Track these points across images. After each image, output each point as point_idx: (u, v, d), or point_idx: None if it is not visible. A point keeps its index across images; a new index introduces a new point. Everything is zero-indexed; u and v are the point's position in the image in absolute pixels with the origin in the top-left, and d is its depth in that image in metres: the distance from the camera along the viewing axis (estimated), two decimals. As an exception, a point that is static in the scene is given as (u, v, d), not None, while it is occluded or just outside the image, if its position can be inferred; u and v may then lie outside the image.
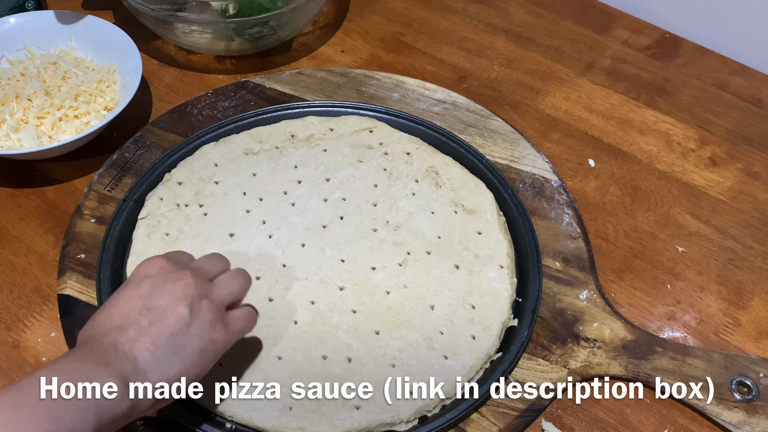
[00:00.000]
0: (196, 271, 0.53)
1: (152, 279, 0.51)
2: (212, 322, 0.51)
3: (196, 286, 0.52)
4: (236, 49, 0.86)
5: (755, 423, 0.58)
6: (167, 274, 0.52)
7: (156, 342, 0.49)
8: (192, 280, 0.52)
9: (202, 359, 0.51)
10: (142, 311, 0.50)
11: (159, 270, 0.52)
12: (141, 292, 0.50)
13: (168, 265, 0.53)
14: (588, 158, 0.79)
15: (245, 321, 0.55)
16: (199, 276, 0.53)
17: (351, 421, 0.56)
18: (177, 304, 0.50)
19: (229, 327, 0.53)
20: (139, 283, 0.51)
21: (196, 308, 0.51)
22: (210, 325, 0.51)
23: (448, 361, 0.60)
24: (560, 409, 0.60)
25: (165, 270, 0.52)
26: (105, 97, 0.78)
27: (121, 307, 0.50)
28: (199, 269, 0.54)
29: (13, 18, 0.82)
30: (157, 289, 0.50)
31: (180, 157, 0.74)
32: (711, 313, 0.67)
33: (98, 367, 0.47)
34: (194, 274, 0.52)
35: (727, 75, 0.89)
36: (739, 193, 0.76)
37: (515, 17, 0.95)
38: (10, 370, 0.61)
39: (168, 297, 0.50)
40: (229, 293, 0.54)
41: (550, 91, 0.86)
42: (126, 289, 0.51)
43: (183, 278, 0.51)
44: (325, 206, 0.70)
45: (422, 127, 0.77)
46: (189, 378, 0.50)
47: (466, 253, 0.67)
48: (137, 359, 0.48)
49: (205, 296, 0.52)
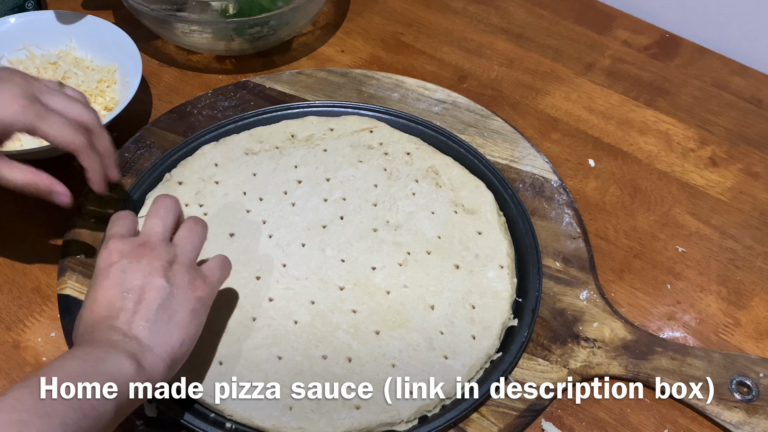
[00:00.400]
0: (154, 240, 0.54)
1: (117, 264, 0.52)
2: (191, 281, 0.53)
3: (160, 256, 0.53)
4: (236, 49, 0.86)
5: (755, 423, 0.58)
6: (128, 255, 0.52)
7: (148, 318, 0.50)
8: (154, 252, 0.53)
9: (195, 317, 0.53)
10: (123, 296, 0.51)
11: (119, 254, 0.53)
12: (113, 280, 0.51)
13: (125, 246, 0.53)
14: (588, 158, 0.79)
15: (221, 270, 0.57)
16: (158, 245, 0.54)
17: (351, 421, 0.56)
18: (152, 278, 0.51)
19: (208, 280, 0.55)
20: (107, 273, 0.52)
21: (170, 276, 0.52)
22: (190, 284, 0.53)
23: (448, 361, 0.60)
24: (560, 409, 0.60)
25: (125, 252, 0.53)
26: (105, 97, 0.78)
27: (101, 299, 0.51)
28: (156, 235, 0.55)
29: (13, 18, 0.82)
30: (126, 273, 0.51)
31: (180, 157, 0.74)
32: (711, 313, 0.67)
33: (108, 349, 0.48)
34: (153, 245, 0.53)
35: (727, 75, 0.89)
36: (739, 193, 0.76)
37: (515, 17, 0.95)
38: (10, 370, 0.61)
39: (140, 275, 0.51)
40: (193, 248, 0.56)
41: (550, 91, 0.86)
42: (98, 282, 0.52)
43: (145, 253, 0.52)
44: (325, 206, 0.70)
45: (422, 127, 0.77)
46: (190, 337, 0.52)
47: (466, 253, 0.67)
48: (138, 338, 0.49)
49: (173, 261, 0.53)
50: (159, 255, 0.53)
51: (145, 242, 0.53)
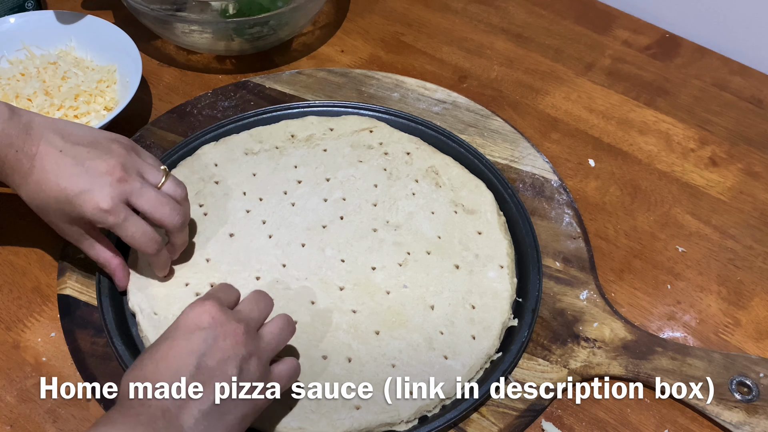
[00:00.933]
0: (247, 324, 0.52)
1: (204, 331, 0.50)
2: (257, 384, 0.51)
3: (246, 343, 0.51)
4: (236, 49, 0.86)
5: (755, 423, 0.58)
6: (219, 327, 0.50)
7: (202, 409, 0.48)
8: (243, 338, 0.51)
9: (243, 423, 0.51)
10: (192, 371, 0.48)
11: (211, 320, 0.51)
12: (192, 347, 0.49)
13: (220, 314, 0.51)
14: (588, 158, 0.79)
15: (287, 379, 0.54)
16: (249, 330, 0.52)
17: (351, 421, 0.56)
18: (227, 365, 0.49)
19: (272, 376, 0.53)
20: (190, 336, 0.50)
21: (244, 369, 0.50)
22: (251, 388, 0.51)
23: (448, 361, 0.60)
24: (560, 409, 0.60)
25: (217, 321, 0.51)
26: (105, 97, 0.78)
27: (171, 362, 0.49)
28: (250, 320, 0.53)
29: (13, 18, 0.82)
30: (208, 345, 0.49)
31: (180, 157, 0.74)
32: (711, 313, 0.67)
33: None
34: (246, 328, 0.52)
35: (727, 75, 0.89)
36: (739, 193, 0.76)
37: (515, 17, 0.95)
38: (10, 370, 0.61)
39: (218, 355, 0.49)
40: (275, 347, 0.54)
41: (550, 91, 0.86)
42: (176, 339, 0.50)
43: (235, 334, 0.51)
44: (325, 206, 0.70)
45: (422, 127, 0.77)
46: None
47: (466, 253, 0.67)
48: (183, 428, 0.47)
49: (254, 353, 0.51)
50: (245, 342, 0.51)
51: (240, 322, 0.52)
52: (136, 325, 0.62)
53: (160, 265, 0.62)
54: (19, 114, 0.58)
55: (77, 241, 0.61)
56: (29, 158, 0.57)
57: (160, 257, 0.61)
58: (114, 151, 0.59)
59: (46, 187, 0.57)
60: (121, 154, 0.59)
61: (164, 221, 0.60)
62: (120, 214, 0.57)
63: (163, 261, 0.62)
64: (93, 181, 0.57)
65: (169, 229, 0.61)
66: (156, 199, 0.59)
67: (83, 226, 0.60)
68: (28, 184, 0.57)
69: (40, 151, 0.57)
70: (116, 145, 0.60)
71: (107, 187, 0.57)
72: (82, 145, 0.58)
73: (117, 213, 0.57)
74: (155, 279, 0.64)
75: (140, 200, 0.58)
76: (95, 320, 0.63)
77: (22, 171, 0.57)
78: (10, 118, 0.57)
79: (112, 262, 0.62)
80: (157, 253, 0.61)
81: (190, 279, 0.64)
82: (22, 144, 0.57)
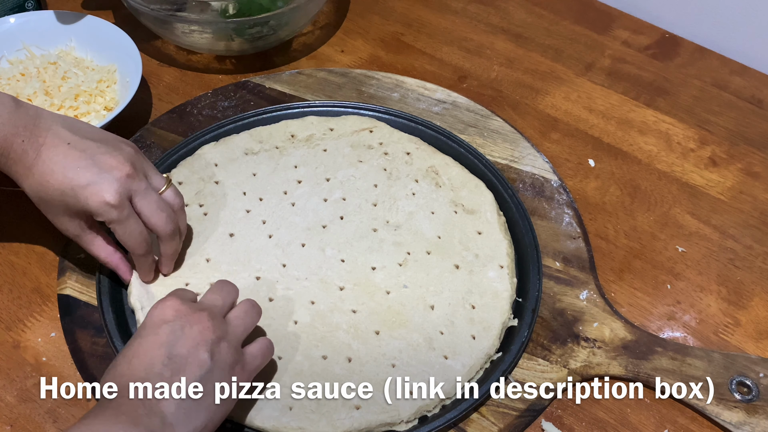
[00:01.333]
0: (211, 310, 0.53)
1: (170, 324, 0.51)
2: (232, 365, 0.52)
3: (213, 328, 0.52)
4: (236, 49, 0.86)
5: (755, 423, 0.58)
6: (184, 317, 0.52)
7: (179, 393, 0.49)
8: (209, 323, 0.52)
9: (224, 403, 0.51)
10: (164, 361, 0.49)
11: (175, 313, 0.52)
12: (161, 340, 0.50)
13: (183, 306, 0.52)
14: (588, 158, 0.79)
15: (262, 358, 0.55)
16: (215, 316, 0.53)
17: (351, 421, 0.56)
18: (198, 351, 0.50)
19: (247, 366, 0.53)
20: (157, 330, 0.51)
21: (216, 352, 0.51)
22: (230, 368, 0.52)
23: (448, 361, 0.60)
24: (560, 409, 0.60)
25: (181, 313, 0.52)
26: (105, 97, 0.78)
27: (142, 357, 0.50)
28: (214, 307, 0.54)
29: (13, 18, 0.82)
30: (176, 335, 0.50)
31: (180, 157, 0.74)
32: (711, 313, 0.67)
33: (127, 426, 0.46)
34: (210, 314, 0.53)
35: (727, 75, 0.89)
36: (739, 193, 0.76)
37: (515, 17, 0.95)
38: (10, 370, 0.61)
39: (188, 343, 0.50)
40: (244, 330, 0.55)
41: (550, 91, 0.86)
42: (145, 336, 0.51)
43: (200, 321, 0.52)
44: (325, 206, 0.70)
45: (422, 127, 0.77)
46: (213, 423, 0.50)
47: (466, 253, 0.67)
48: (164, 414, 0.48)
49: (223, 338, 0.52)
50: (212, 327, 0.51)
51: (203, 310, 0.53)
52: (136, 323, 0.62)
53: (145, 270, 0.63)
54: (25, 106, 0.58)
55: (77, 236, 0.60)
56: (35, 149, 0.57)
57: (146, 261, 0.62)
58: (123, 149, 0.59)
59: (52, 178, 0.56)
60: (130, 153, 0.59)
61: (158, 227, 0.60)
62: (124, 210, 0.57)
63: (148, 265, 0.62)
64: (101, 175, 0.57)
65: (160, 235, 0.61)
66: (156, 204, 0.59)
67: (85, 221, 0.60)
68: (33, 175, 0.57)
69: (47, 142, 0.57)
70: (124, 144, 0.60)
71: (115, 182, 0.57)
72: (91, 139, 0.58)
73: (122, 209, 0.57)
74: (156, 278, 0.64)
75: (142, 201, 0.59)
76: (95, 320, 0.63)
77: (26, 162, 0.57)
78: (17, 109, 0.57)
79: (113, 257, 0.62)
80: (145, 256, 0.61)
81: (190, 279, 0.64)
82: (29, 135, 0.57)
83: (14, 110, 0.57)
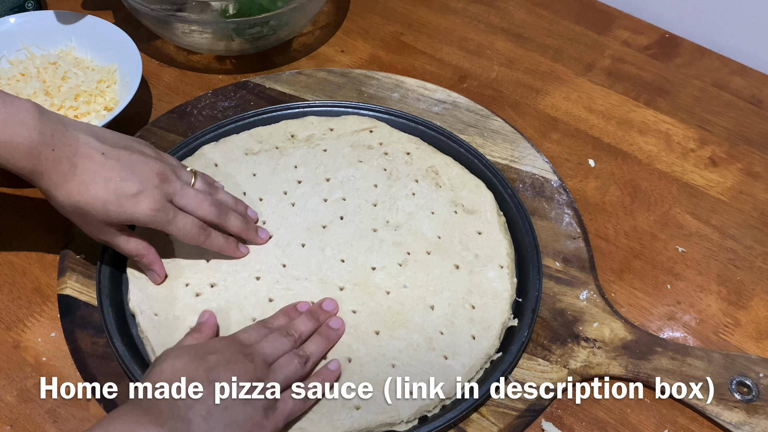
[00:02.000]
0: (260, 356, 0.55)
1: (217, 355, 0.53)
2: (265, 409, 0.53)
3: (256, 371, 0.53)
4: (236, 49, 0.86)
5: (755, 423, 0.58)
6: (233, 353, 0.54)
7: (210, 413, 0.50)
8: (253, 366, 0.54)
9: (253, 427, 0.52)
10: (203, 382, 0.51)
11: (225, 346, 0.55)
12: (206, 364, 0.52)
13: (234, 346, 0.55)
14: (588, 158, 0.79)
15: (293, 405, 0.55)
16: (260, 362, 0.55)
17: (351, 421, 0.56)
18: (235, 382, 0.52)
19: (277, 412, 0.54)
20: (206, 357, 0.53)
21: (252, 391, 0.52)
22: (263, 411, 0.52)
23: (448, 361, 0.60)
24: (560, 409, 0.60)
25: (232, 347, 0.54)
26: (105, 97, 0.78)
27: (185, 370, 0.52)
28: (263, 354, 0.56)
29: (13, 18, 0.82)
30: (220, 367, 0.52)
31: (180, 157, 0.74)
32: (711, 313, 0.67)
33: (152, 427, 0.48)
34: (256, 359, 0.54)
35: (727, 75, 0.89)
36: (739, 193, 0.76)
37: (515, 17, 0.95)
38: (10, 370, 0.61)
39: (228, 375, 0.52)
40: (285, 379, 0.55)
41: (550, 91, 0.86)
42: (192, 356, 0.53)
43: (245, 362, 0.54)
44: (325, 206, 0.70)
45: (422, 127, 0.77)
46: None
47: (466, 253, 0.67)
48: (191, 423, 0.49)
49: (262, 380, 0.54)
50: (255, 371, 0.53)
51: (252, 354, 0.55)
52: (137, 325, 0.62)
53: (224, 246, 0.64)
54: (48, 113, 0.57)
55: (112, 239, 0.61)
56: (69, 159, 0.56)
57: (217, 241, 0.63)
58: (148, 154, 0.61)
59: (94, 190, 0.57)
60: (156, 158, 0.61)
61: (208, 216, 0.62)
62: (169, 212, 0.60)
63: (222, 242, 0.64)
64: (143, 185, 0.58)
65: (215, 222, 0.63)
66: (195, 197, 0.62)
67: (118, 226, 0.60)
68: (70, 186, 0.57)
69: (81, 152, 0.57)
70: (146, 147, 0.62)
71: (155, 189, 0.59)
72: (119, 148, 0.59)
73: (167, 211, 0.60)
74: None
75: (183, 201, 0.61)
76: (95, 320, 0.63)
77: (60, 172, 0.56)
78: (41, 115, 0.56)
79: (149, 253, 0.63)
80: (211, 239, 0.63)
81: (190, 279, 0.64)
82: (59, 143, 0.56)
83: (39, 117, 0.56)
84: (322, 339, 0.59)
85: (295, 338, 0.58)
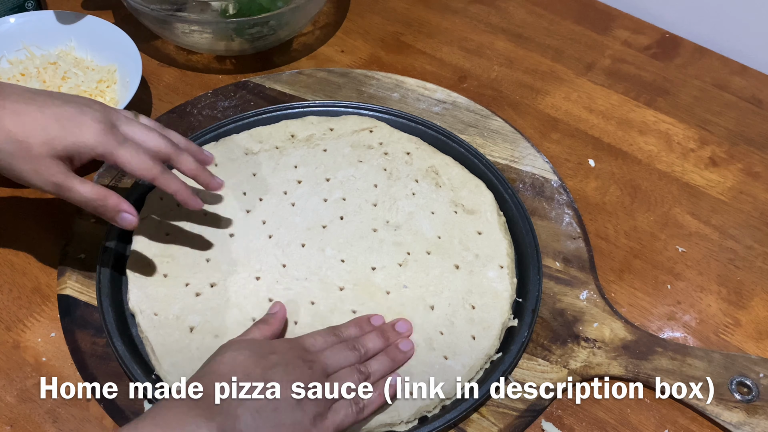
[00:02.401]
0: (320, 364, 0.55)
1: (278, 355, 0.53)
2: (314, 417, 0.52)
3: (312, 378, 0.53)
4: (236, 49, 0.86)
5: (755, 423, 0.58)
6: (294, 357, 0.54)
7: (260, 410, 0.50)
8: (311, 373, 0.53)
9: None
10: (259, 381, 0.51)
11: (288, 348, 0.54)
12: (266, 363, 0.52)
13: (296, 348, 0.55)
14: (588, 158, 0.79)
15: (344, 416, 0.54)
16: (318, 370, 0.54)
17: (351, 421, 0.56)
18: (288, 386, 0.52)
19: (327, 421, 0.53)
20: (267, 356, 0.53)
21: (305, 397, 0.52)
22: (312, 418, 0.52)
23: (448, 362, 0.60)
24: (560, 409, 0.60)
25: (294, 351, 0.54)
26: (105, 97, 0.78)
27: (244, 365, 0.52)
28: (324, 364, 0.55)
29: (13, 18, 0.82)
30: (278, 368, 0.52)
31: (180, 157, 0.74)
32: (711, 313, 0.67)
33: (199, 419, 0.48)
34: (316, 366, 0.54)
35: (727, 75, 0.89)
36: (739, 193, 0.76)
37: (515, 17, 0.95)
38: (10, 370, 0.61)
39: (286, 378, 0.52)
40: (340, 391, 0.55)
41: (550, 91, 0.86)
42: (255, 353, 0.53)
43: (304, 368, 0.53)
44: (325, 206, 0.70)
45: (422, 127, 0.77)
46: None
47: (466, 253, 0.67)
48: (239, 418, 0.49)
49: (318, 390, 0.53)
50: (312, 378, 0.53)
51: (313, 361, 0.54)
52: (136, 325, 0.62)
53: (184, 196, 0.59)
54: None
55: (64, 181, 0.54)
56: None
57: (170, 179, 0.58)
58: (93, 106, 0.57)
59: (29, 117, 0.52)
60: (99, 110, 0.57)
61: (158, 149, 0.58)
62: (118, 135, 0.55)
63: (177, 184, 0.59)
64: (83, 108, 0.55)
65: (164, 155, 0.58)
66: (143, 128, 0.58)
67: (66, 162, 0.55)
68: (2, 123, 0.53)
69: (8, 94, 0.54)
70: None
71: (98, 112, 0.55)
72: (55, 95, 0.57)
73: (116, 134, 0.55)
74: (155, 278, 0.64)
75: (127, 129, 0.57)
76: (95, 320, 0.63)
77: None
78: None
79: (111, 194, 0.56)
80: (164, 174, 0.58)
81: (190, 279, 0.64)
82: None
83: None
84: (388, 360, 0.58)
85: (361, 354, 0.57)
